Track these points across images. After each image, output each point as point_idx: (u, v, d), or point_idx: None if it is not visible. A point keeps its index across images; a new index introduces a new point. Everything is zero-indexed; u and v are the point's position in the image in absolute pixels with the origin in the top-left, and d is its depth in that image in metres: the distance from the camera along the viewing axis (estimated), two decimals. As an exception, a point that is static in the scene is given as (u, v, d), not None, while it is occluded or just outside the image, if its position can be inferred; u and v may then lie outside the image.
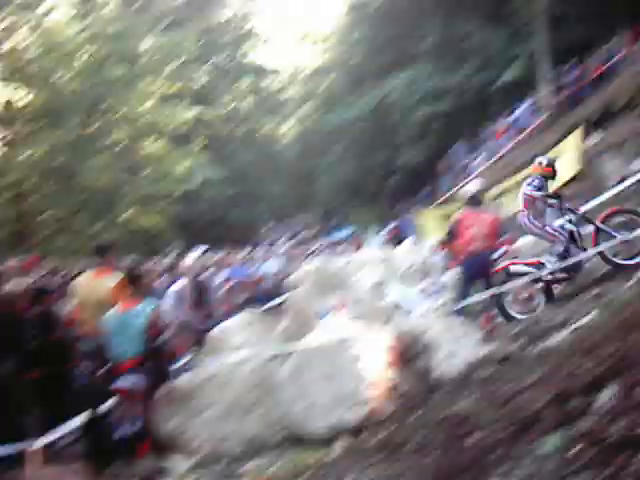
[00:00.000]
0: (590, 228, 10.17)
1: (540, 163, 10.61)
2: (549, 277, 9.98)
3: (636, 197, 15.22)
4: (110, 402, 7.84)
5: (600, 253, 9.83)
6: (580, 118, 22.76)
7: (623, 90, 21.01)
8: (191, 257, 12.77)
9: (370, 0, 43.74)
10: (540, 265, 10.09)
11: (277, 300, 14.17)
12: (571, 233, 10.03)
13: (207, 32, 41.21)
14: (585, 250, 9.95)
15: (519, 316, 9.90)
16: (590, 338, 5.70)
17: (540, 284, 10.08)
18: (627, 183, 15.71)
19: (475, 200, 11.20)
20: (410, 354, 8.06)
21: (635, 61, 23.48)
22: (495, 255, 10.98)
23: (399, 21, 39.16)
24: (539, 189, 10.16)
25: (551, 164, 10.68)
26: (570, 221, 10.14)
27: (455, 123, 33.85)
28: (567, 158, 21.41)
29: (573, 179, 20.20)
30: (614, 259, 9.83)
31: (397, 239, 23.99)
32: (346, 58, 46.60)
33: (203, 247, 14.26)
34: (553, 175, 10.57)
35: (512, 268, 10.36)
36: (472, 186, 11.78)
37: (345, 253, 20.45)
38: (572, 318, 7.85)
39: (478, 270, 10.49)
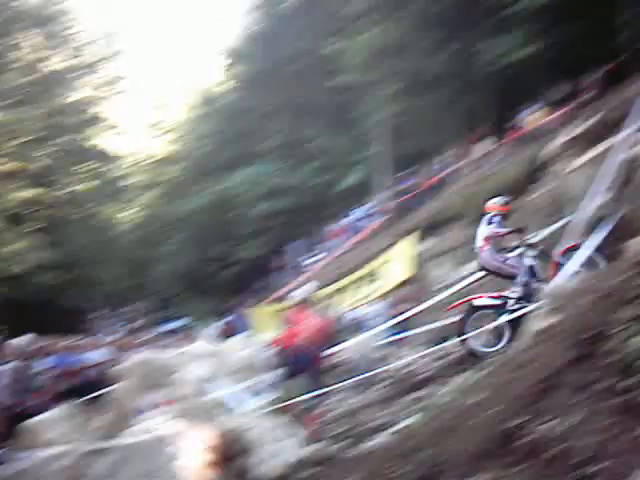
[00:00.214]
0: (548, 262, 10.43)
1: (496, 202, 10.92)
2: (515, 306, 10.08)
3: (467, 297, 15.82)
4: None
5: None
6: (414, 224, 23.64)
7: (454, 200, 22.05)
8: (16, 342, 12.07)
9: (219, 95, 44.48)
10: (504, 297, 10.25)
11: (100, 391, 13.59)
12: (531, 267, 10.27)
13: (52, 113, 40.39)
14: (544, 282, 10.13)
15: (485, 349, 9.95)
16: (409, 441, 5.72)
17: (506, 315, 10.14)
18: (457, 287, 16.38)
19: (306, 302, 11.28)
20: (231, 453, 7.84)
21: (465, 173, 24.85)
22: (321, 355, 11.01)
23: (247, 119, 39.95)
24: (500, 227, 10.45)
25: (508, 202, 11.06)
26: (529, 256, 10.40)
27: (294, 221, 34.47)
28: (400, 262, 22.15)
29: (405, 282, 20.83)
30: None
31: (230, 333, 23.75)
32: (192, 149, 46.86)
33: (30, 332, 13.55)
34: (509, 214, 10.90)
35: (476, 302, 10.49)
36: (305, 289, 11.88)
37: (175, 345, 19.99)
38: (393, 420, 7.90)
39: (304, 369, 10.47)
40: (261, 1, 42.44)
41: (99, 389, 13.65)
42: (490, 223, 10.59)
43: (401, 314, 15.69)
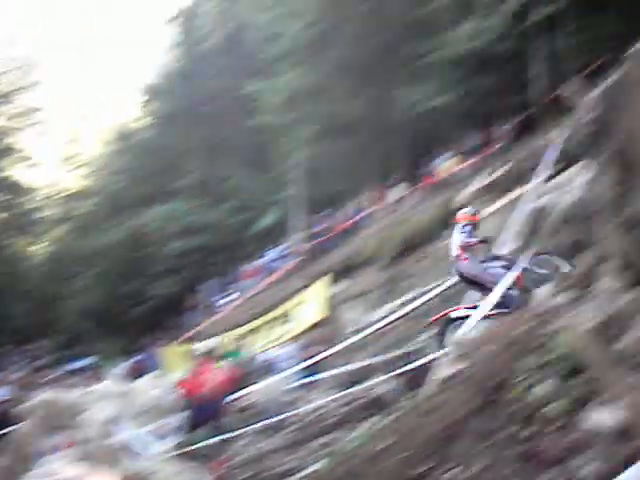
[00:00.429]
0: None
1: (467, 212, 10.95)
2: (493, 312, 10.02)
3: (376, 343, 15.96)
4: None
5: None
6: (328, 266, 23.75)
7: (368, 243, 22.27)
8: None
9: (135, 131, 44.12)
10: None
11: (0, 432, 13.10)
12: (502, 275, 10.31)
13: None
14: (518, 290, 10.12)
15: None
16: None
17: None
18: (368, 330, 16.48)
19: (212, 354, 11.34)
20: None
21: (380, 217, 25.17)
22: (225, 405, 10.97)
23: (163, 156, 39.71)
24: (470, 236, 10.46)
25: (477, 212, 11.11)
26: (499, 265, 10.42)
27: (209, 260, 34.25)
28: (313, 304, 22.19)
29: (318, 324, 20.86)
30: None
31: (139, 373, 23.27)
32: (107, 184, 46.17)
33: None
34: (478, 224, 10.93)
35: (453, 314, 10.46)
36: (211, 341, 11.96)
37: (82, 385, 19.46)
38: (301, 466, 7.84)
39: (208, 415, 10.41)
40: (181, 39, 42.46)
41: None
42: (462, 233, 10.73)
43: (312, 357, 15.68)
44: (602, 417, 4.70)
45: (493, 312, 9.99)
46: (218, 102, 37.59)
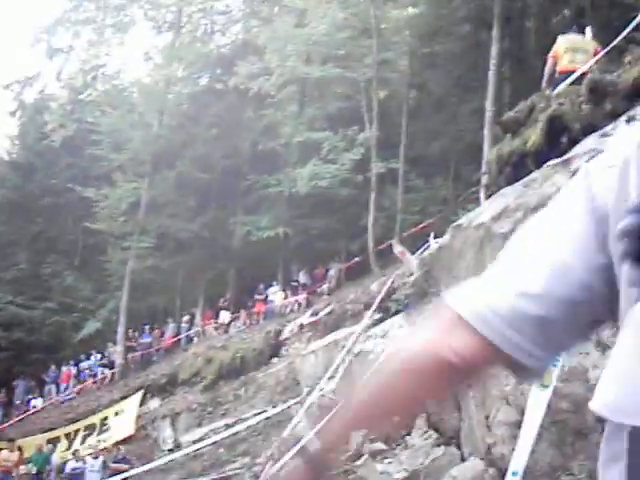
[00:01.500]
0: None
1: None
2: None
3: (189, 465, 16.06)
4: None
5: None
6: (147, 380, 23.66)
7: (190, 363, 22.46)
8: None
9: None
10: None
11: None
12: None
13: None
14: None
15: None
16: None
17: None
18: (179, 452, 16.57)
19: None
20: None
21: (203, 339, 25.57)
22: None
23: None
24: None
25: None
26: None
27: (26, 357, 32.94)
28: (125, 417, 21.91)
29: (131, 438, 20.58)
30: None
31: None
32: None
33: None
34: None
35: None
36: None
37: None
38: None
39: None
40: (22, 131, 41.91)
41: None
42: None
43: (122, 472, 15.56)
44: None
45: None
46: (54, 199, 37.11)
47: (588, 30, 11.01)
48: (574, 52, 9.82)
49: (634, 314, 0.95)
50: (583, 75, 8.70)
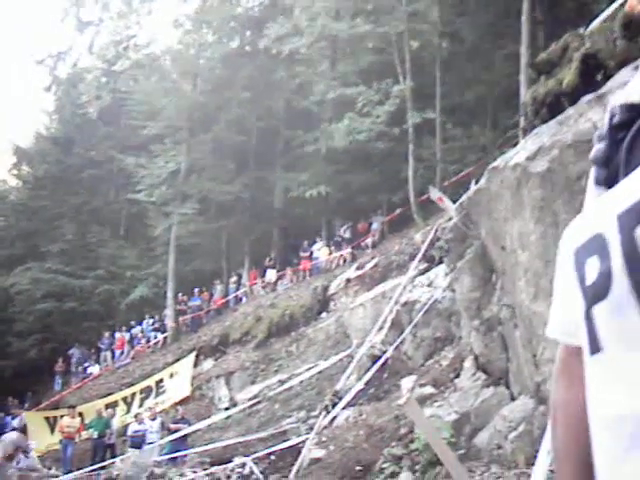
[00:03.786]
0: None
1: None
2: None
3: (245, 422, 16.43)
4: None
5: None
6: (199, 342, 24.14)
7: (240, 323, 22.86)
8: None
9: (4, 192, 43.22)
10: None
11: None
12: None
13: None
14: None
15: None
16: None
17: None
18: (235, 410, 16.93)
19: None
20: None
21: (251, 298, 25.91)
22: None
23: (34, 218, 39.06)
24: None
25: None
26: None
27: (79, 325, 33.66)
28: (182, 379, 22.42)
29: (187, 399, 21.06)
30: None
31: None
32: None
33: None
34: None
35: None
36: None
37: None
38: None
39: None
40: (57, 105, 42.41)
41: None
42: None
43: (181, 431, 15.92)
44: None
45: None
46: (95, 171, 37.65)
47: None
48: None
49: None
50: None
